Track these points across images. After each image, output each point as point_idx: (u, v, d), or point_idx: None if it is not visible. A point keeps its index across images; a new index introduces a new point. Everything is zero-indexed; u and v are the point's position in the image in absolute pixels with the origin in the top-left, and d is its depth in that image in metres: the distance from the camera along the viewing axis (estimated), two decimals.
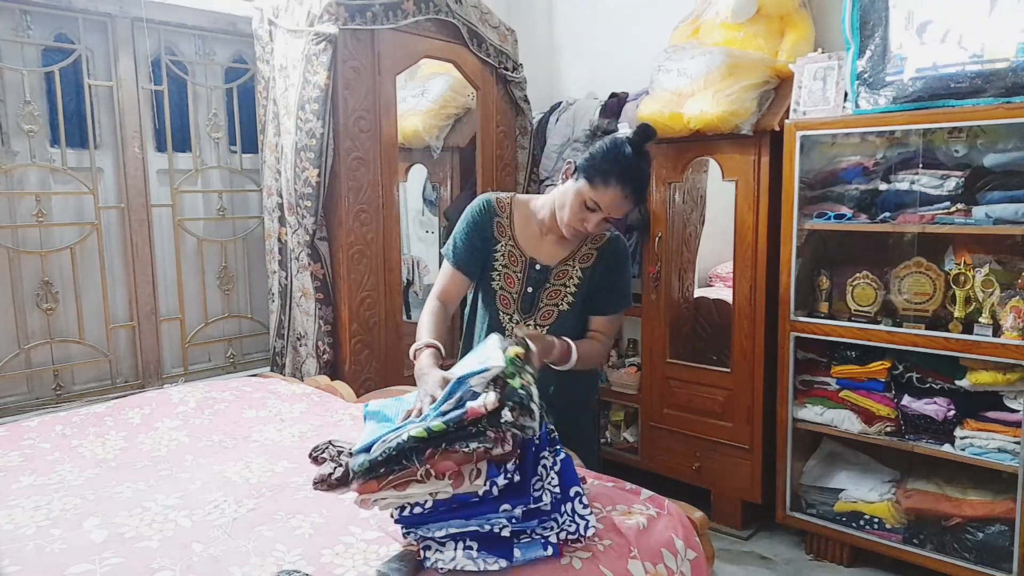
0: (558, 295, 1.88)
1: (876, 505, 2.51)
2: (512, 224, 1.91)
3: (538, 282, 1.89)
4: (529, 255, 1.89)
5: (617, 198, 1.73)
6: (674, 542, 1.50)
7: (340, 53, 2.52)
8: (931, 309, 2.38)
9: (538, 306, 1.90)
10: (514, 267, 1.90)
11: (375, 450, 1.30)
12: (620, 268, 1.91)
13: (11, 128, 2.45)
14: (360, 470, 1.28)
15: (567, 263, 1.89)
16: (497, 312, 1.93)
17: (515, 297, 1.90)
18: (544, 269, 1.89)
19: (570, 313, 1.89)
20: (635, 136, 1.74)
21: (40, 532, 1.50)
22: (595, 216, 1.76)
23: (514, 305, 1.91)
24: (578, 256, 1.90)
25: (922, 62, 2.30)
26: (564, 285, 1.88)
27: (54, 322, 2.56)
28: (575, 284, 1.88)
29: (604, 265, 1.89)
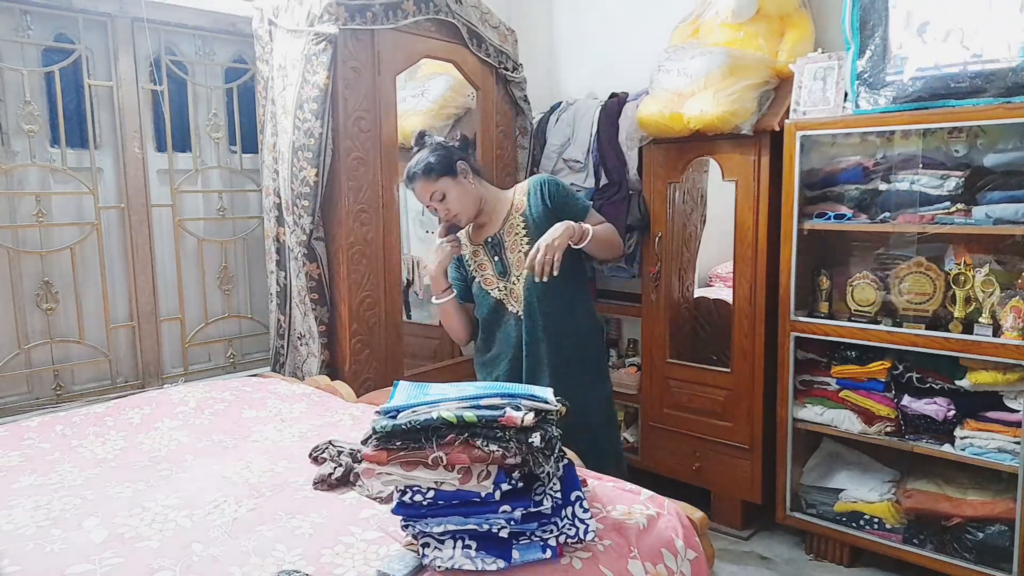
0: (517, 245, 2.14)
1: (876, 505, 2.51)
2: (467, 238, 2.26)
3: (498, 249, 2.17)
4: (481, 240, 2.21)
5: (416, 192, 2.14)
6: (674, 542, 1.50)
7: (340, 53, 2.52)
8: (931, 309, 2.38)
9: (508, 264, 2.16)
10: (479, 257, 2.21)
11: (402, 418, 1.33)
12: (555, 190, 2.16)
13: (11, 128, 2.45)
14: (381, 432, 1.31)
15: (508, 220, 2.17)
16: (488, 293, 2.19)
17: (492, 273, 2.19)
18: (494, 237, 2.18)
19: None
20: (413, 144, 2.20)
21: (40, 532, 1.50)
22: (435, 212, 2.15)
23: (495, 278, 2.18)
24: (512, 210, 2.18)
25: (922, 62, 2.29)
26: (516, 234, 2.15)
27: (54, 322, 2.56)
28: (523, 226, 2.15)
29: (540, 199, 2.15)
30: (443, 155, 2.11)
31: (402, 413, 1.34)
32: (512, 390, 1.40)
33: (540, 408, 1.36)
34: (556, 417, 1.40)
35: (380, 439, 1.32)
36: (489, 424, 1.30)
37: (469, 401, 1.35)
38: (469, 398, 1.36)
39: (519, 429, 1.30)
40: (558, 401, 1.44)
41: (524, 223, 2.15)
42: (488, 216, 2.20)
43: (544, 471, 1.32)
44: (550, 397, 1.42)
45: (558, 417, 1.42)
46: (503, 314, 2.18)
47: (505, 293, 2.16)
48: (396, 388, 1.48)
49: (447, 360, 3.39)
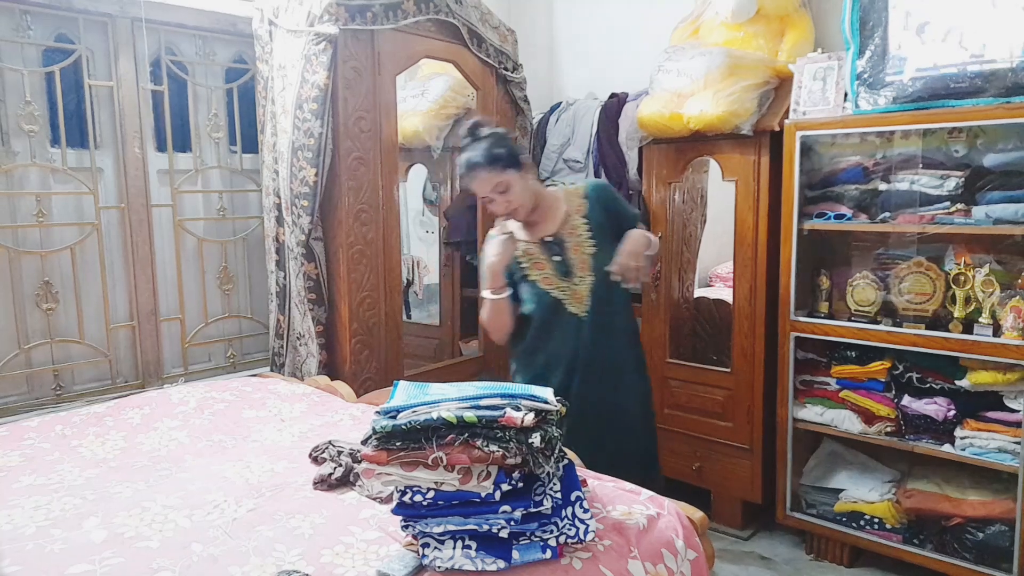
0: (580, 247, 2.11)
1: (876, 505, 2.51)
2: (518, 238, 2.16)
3: (559, 249, 2.11)
4: (538, 238, 2.13)
5: (473, 182, 2.05)
6: (674, 542, 1.50)
7: (340, 53, 2.52)
8: (931, 309, 2.38)
9: (571, 265, 2.10)
10: (535, 255, 2.12)
11: (402, 418, 1.33)
12: (612, 195, 2.21)
13: (11, 128, 2.45)
14: (381, 432, 1.31)
15: (568, 222, 2.13)
16: (547, 293, 2.11)
17: (551, 272, 2.11)
18: (555, 236, 2.13)
19: (599, 255, 2.09)
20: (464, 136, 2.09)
21: (40, 532, 1.50)
22: (493, 204, 2.06)
23: (555, 278, 2.10)
24: (572, 211, 2.14)
25: (922, 62, 2.29)
26: (578, 236, 2.12)
27: (54, 322, 2.56)
28: (586, 229, 2.12)
29: (598, 203, 2.15)
30: (509, 147, 2.06)
31: (402, 413, 1.34)
32: (512, 390, 1.40)
33: (540, 408, 1.36)
34: (556, 417, 1.40)
35: (380, 439, 1.32)
36: (489, 424, 1.30)
37: (469, 401, 1.35)
38: (469, 398, 1.36)
39: (519, 429, 1.30)
40: (558, 401, 1.44)
41: (587, 226, 2.13)
42: (541, 214, 2.15)
43: (544, 471, 1.32)
44: (550, 397, 1.42)
45: (559, 417, 1.42)
46: (561, 314, 2.11)
47: (567, 294, 2.10)
48: (396, 388, 1.48)
49: (447, 360, 3.40)
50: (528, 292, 2.13)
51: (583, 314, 2.09)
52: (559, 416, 1.42)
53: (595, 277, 2.09)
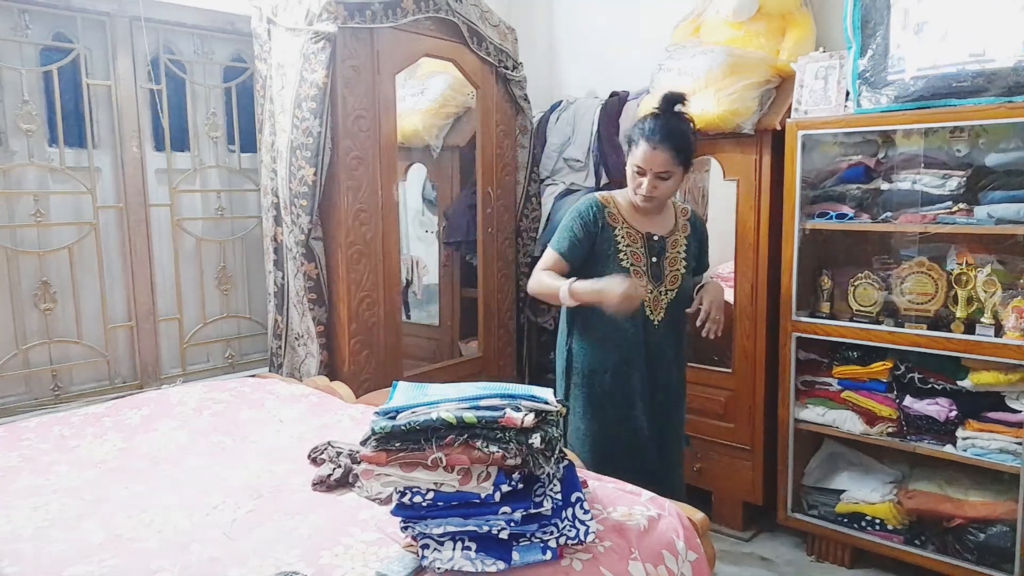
0: (676, 261, 2.17)
1: (878, 506, 2.50)
2: (620, 212, 2.16)
3: (659, 252, 2.15)
4: (645, 231, 2.14)
5: (648, 153, 2.00)
6: (675, 543, 1.50)
7: (339, 52, 2.51)
8: (933, 309, 2.37)
9: (664, 273, 2.15)
10: (636, 245, 2.13)
11: (401, 419, 1.32)
12: (706, 235, 2.31)
13: (9, 127, 2.44)
14: (380, 433, 1.31)
15: (675, 233, 2.19)
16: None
17: (645, 269, 2.13)
18: (661, 239, 2.16)
19: (687, 275, 2.19)
20: (660, 104, 2.06)
21: (38, 533, 1.49)
22: (644, 179, 2.04)
23: (646, 277, 2.13)
24: (679, 226, 2.20)
25: (924, 61, 2.29)
26: (679, 252, 2.18)
27: (52, 322, 2.55)
28: (684, 249, 2.19)
29: (698, 232, 2.26)
30: (694, 148, 2.10)
31: (401, 414, 1.33)
32: (512, 391, 1.40)
33: (540, 409, 1.35)
34: (556, 418, 1.39)
35: (379, 440, 1.31)
36: (489, 425, 1.29)
37: (469, 402, 1.35)
38: (469, 399, 1.35)
39: (519, 430, 1.29)
40: (559, 402, 1.43)
41: (687, 245, 2.20)
42: (657, 211, 2.17)
43: (544, 472, 1.31)
44: (550, 398, 1.41)
45: (559, 418, 1.41)
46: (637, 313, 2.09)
47: (652, 296, 2.14)
48: (395, 389, 1.47)
49: (446, 360, 3.39)
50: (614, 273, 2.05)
51: (655, 321, 2.15)
52: (559, 416, 1.41)
53: (678, 295, 2.16)
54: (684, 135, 2.04)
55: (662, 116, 2.04)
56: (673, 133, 2.01)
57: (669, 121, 2.03)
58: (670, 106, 2.06)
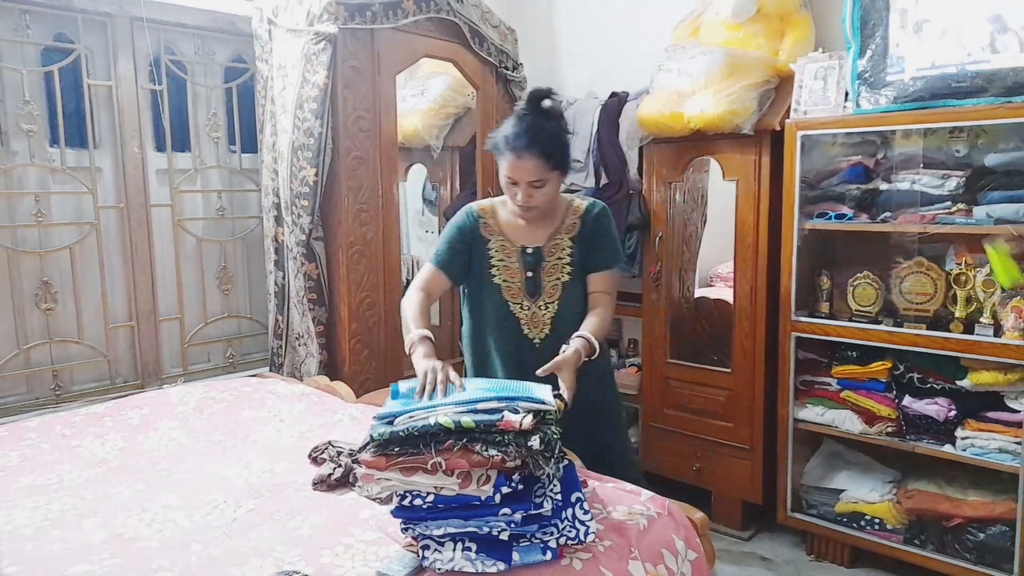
0: (557, 269, 1.96)
1: (877, 506, 2.50)
2: (498, 222, 2.00)
3: (535, 264, 1.96)
4: (519, 244, 1.97)
5: (514, 162, 1.81)
6: (674, 543, 1.50)
7: (340, 52, 2.51)
8: (932, 309, 2.37)
9: (542, 286, 1.97)
10: (510, 259, 1.97)
11: (399, 423, 1.32)
12: (605, 227, 2.00)
13: (10, 128, 2.44)
14: (379, 439, 1.31)
15: (555, 238, 1.97)
16: (506, 303, 1.98)
17: (519, 285, 1.97)
18: (536, 251, 1.96)
19: (572, 283, 1.97)
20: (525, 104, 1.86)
21: (39, 532, 1.50)
22: (518, 189, 1.84)
23: (520, 294, 1.97)
24: (563, 228, 1.98)
25: (923, 62, 2.29)
26: (559, 259, 1.96)
27: (53, 322, 2.56)
28: (568, 254, 1.96)
29: (589, 229, 1.98)
30: (568, 145, 1.89)
31: (399, 419, 1.33)
32: (510, 392, 1.40)
33: (539, 409, 1.35)
34: (555, 417, 1.40)
35: (378, 446, 1.31)
36: (487, 429, 1.29)
37: (466, 405, 1.35)
38: (466, 402, 1.35)
39: (518, 433, 1.29)
40: (556, 396, 1.43)
41: (571, 249, 1.96)
42: (542, 219, 1.96)
43: (544, 473, 1.31)
44: (548, 397, 1.41)
45: (558, 417, 1.42)
46: (514, 332, 1.97)
47: (527, 314, 1.96)
48: (394, 391, 1.47)
49: (447, 359, 3.38)
50: (487, 290, 1.97)
51: (536, 340, 1.95)
52: (558, 414, 1.41)
53: (560, 306, 1.94)
54: (552, 137, 1.82)
55: (526, 118, 1.82)
56: (539, 137, 1.79)
57: (534, 123, 1.80)
58: (536, 105, 1.84)
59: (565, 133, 1.90)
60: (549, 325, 1.96)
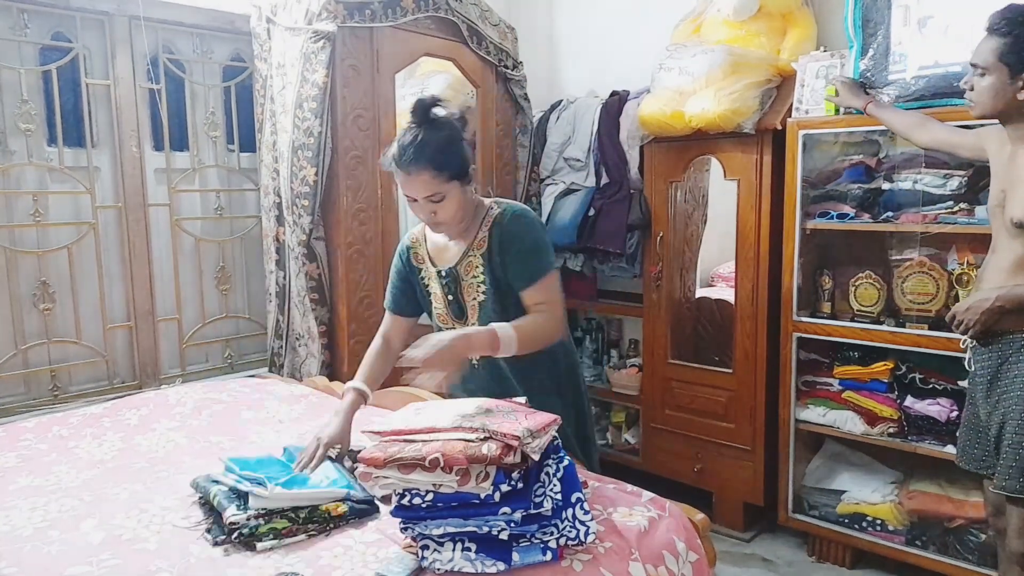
0: (473, 289, 1.82)
1: (879, 507, 2.50)
2: (426, 248, 1.91)
3: (453, 286, 1.85)
4: (439, 267, 1.87)
5: (404, 180, 1.71)
6: (675, 544, 1.49)
7: (339, 51, 2.50)
8: (934, 309, 2.36)
9: (464, 308, 1.85)
10: (434, 283, 1.89)
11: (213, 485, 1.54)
12: (516, 239, 1.78)
13: (8, 127, 2.43)
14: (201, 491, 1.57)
15: (468, 256, 1.82)
16: (441, 329, 1.88)
17: (445, 311, 1.88)
18: (449, 272, 1.84)
19: (489, 302, 1.81)
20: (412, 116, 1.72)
21: (37, 533, 1.49)
22: (418, 206, 1.74)
23: (449, 318, 1.88)
24: (475, 245, 1.81)
25: (925, 60, 2.29)
26: (474, 277, 1.82)
27: (51, 322, 2.55)
28: (480, 271, 1.81)
29: (498, 240, 1.79)
30: (461, 153, 1.73)
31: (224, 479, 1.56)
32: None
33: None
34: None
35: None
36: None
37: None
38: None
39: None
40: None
41: (482, 267, 1.80)
42: (459, 234, 1.84)
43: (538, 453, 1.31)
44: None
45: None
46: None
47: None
48: (287, 451, 1.71)
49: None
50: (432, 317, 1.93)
51: (474, 362, 1.84)
52: None
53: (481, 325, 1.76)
54: (442, 147, 1.69)
55: (412, 130, 1.71)
56: (426, 150, 1.67)
57: (420, 136, 1.68)
58: (424, 116, 1.71)
59: (459, 141, 1.74)
60: None
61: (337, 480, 1.59)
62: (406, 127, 1.73)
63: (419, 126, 1.71)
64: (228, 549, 1.41)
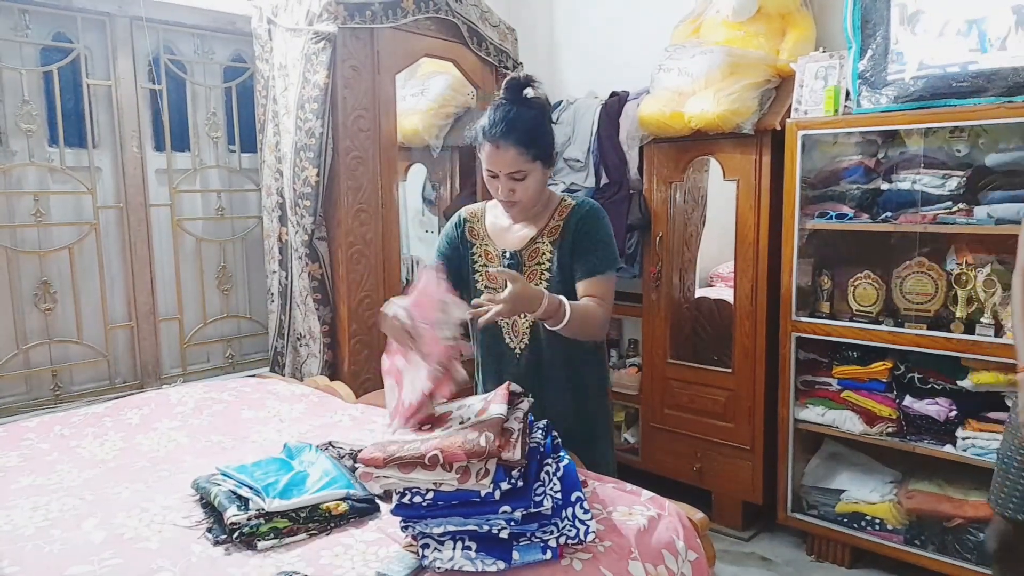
0: (536, 276, 1.80)
1: (877, 506, 2.50)
2: (484, 225, 1.89)
3: (514, 270, 1.79)
4: (502, 247, 1.85)
5: (492, 152, 1.69)
6: (675, 543, 1.49)
7: (339, 52, 2.51)
8: (933, 309, 2.37)
9: None
10: (492, 264, 1.86)
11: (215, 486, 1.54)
12: (592, 228, 1.79)
13: (10, 127, 2.44)
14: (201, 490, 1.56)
15: (536, 242, 1.81)
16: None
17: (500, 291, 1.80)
18: (514, 255, 1.82)
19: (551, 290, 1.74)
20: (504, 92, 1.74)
21: (39, 533, 1.49)
22: (498, 182, 1.73)
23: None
24: (546, 232, 1.81)
25: (924, 61, 2.29)
26: (539, 264, 1.80)
27: (52, 322, 2.55)
28: (548, 259, 1.80)
29: (573, 231, 1.79)
30: (549, 135, 1.75)
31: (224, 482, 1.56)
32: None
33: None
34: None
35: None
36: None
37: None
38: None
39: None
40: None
41: (551, 255, 1.79)
42: (529, 219, 1.83)
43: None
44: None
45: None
46: (496, 342, 1.87)
47: (507, 323, 1.84)
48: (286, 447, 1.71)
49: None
50: (474, 296, 1.83)
51: (517, 351, 1.84)
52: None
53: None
54: (533, 125, 1.70)
55: (504, 106, 1.71)
56: (517, 125, 1.68)
57: (512, 111, 1.69)
58: (516, 93, 1.73)
59: (548, 123, 1.77)
60: (528, 335, 1.82)
61: (337, 479, 1.59)
62: (497, 102, 1.74)
63: (511, 102, 1.72)
64: (229, 548, 1.42)
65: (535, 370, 1.82)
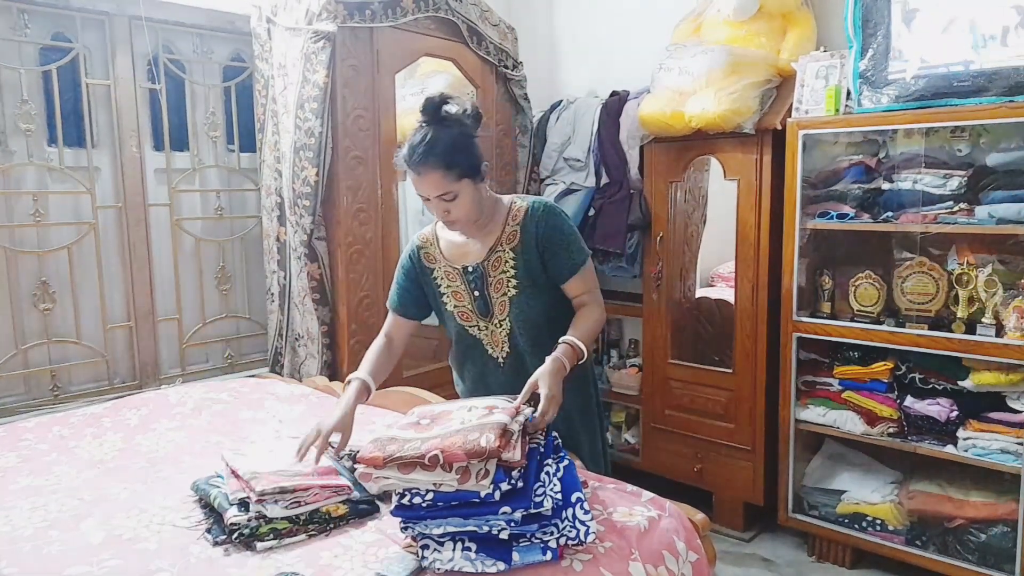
0: (502, 284, 1.83)
1: (879, 506, 2.50)
2: (439, 248, 1.90)
3: (480, 283, 1.84)
4: (461, 264, 1.86)
5: (415, 180, 1.71)
6: (675, 544, 1.49)
7: (339, 51, 2.50)
8: (934, 309, 2.36)
9: (491, 304, 1.85)
10: (455, 283, 1.87)
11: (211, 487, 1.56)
12: (555, 229, 1.80)
13: (8, 127, 2.43)
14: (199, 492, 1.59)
15: (495, 251, 1.82)
16: (465, 329, 1.91)
17: (470, 308, 1.87)
18: (476, 268, 1.84)
19: (521, 296, 1.82)
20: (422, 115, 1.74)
21: (37, 533, 1.49)
22: (431, 204, 1.74)
23: (473, 315, 1.88)
24: (503, 239, 1.82)
25: (925, 60, 2.29)
26: (503, 272, 1.82)
27: (51, 322, 2.55)
28: (511, 266, 1.81)
29: (533, 235, 1.80)
30: (471, 151, 1.73)
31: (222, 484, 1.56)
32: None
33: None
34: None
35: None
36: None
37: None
38: None
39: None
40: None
41: (514, 261, 1.81)
42: (480, 229, 1.84)
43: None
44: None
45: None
46: (480, 353, 1.92)
47: (486, 334, 1.88)
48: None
49: (446, 361, 3.37)
50: (445, 317, 1.93)
51: (500, 360, 1.89)
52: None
53: (512, 323, 1.83)
54: (452, 145, 1.69)
55: (422, 130, 1.72)
56: (436, 148, 1.67)
57: (428, 135, 1.69)
58: (434, 114, 1.73)
59: (469, 138, 1.74)
60: (507, 343, 1.87)
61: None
62: (416, 126, 1.74)
63: (428, 124, 1.72)
64: (228, 549, 1.41)
65: (519, 377, 1.79)
